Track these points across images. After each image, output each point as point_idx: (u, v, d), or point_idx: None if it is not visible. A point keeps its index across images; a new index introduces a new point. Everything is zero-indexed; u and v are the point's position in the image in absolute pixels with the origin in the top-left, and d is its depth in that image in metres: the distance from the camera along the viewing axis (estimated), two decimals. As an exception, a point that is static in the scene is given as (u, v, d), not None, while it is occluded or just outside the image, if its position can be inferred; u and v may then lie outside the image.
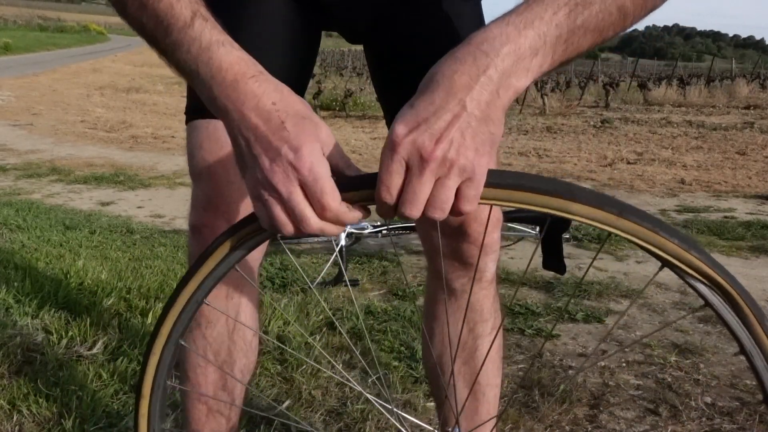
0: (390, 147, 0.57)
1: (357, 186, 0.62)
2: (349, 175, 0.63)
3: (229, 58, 0.61)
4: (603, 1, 0.59)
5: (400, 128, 0.57)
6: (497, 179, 0.59)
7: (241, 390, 1.08)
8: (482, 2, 1.02)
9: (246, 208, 0.91)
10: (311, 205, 0.60)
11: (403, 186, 0.58)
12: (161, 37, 0.63)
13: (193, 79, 0.63)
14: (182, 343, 0.74)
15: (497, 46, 0.57)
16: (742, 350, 0.61)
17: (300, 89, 1.01)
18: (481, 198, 0.60)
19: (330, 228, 0.62)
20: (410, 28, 0.96)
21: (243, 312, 1.03)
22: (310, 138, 0.60)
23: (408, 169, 0.57)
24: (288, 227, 0.61)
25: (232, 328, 1.02)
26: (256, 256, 1.01)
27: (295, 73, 0.98)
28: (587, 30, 0.60)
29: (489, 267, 1.02)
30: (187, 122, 0.96)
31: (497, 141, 0.59)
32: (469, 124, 0.56)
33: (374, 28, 0.97)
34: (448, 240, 0.99)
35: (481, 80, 0.56)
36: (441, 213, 0.58)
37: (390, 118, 1.05)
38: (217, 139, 0.90)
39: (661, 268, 0.61)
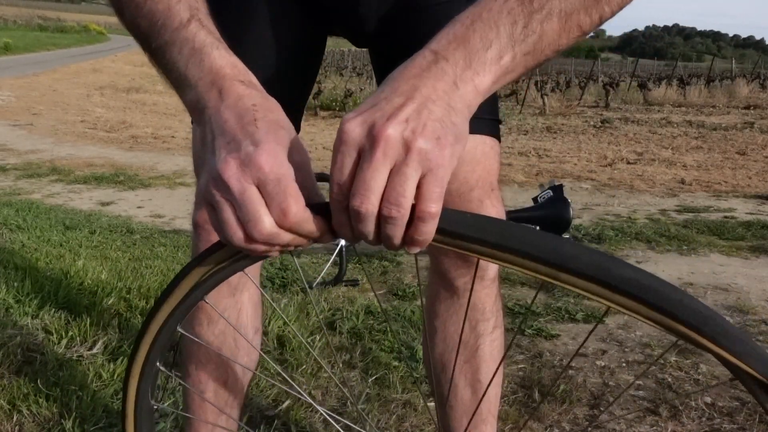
0: (338, 138, 0.50)
1: (325, 213, 0.53)
2: (314, 202, 0.54)
3: (221, 62, 0.58)
4: None
5: (349, 115, 0.51)
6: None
7: (242, 388, 1.08)
8: None
9: None
10: (269, 208, 0.51)
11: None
12: (154, 37, 0.61)
13: (180, 82, 0.60)
14: (160, 366, 0.71)
15: (444, 43, 0.54)
16: None
17: (304, 94, 1.02)
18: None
19: (284, 237, 0.52)
20: (415, 33, 0.96)
21: (245, 311, 1.04)
22: (279, 141, 0.53)
23: (359, 158, 0.50)
24: (237, 234, 0.52)
25: (233, 326, 1.03)
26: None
27: (299, 77, 0.98)
28: (550, 14, 0.55)
29: (491, 266, 1.02)
30: (192, 120, 0.96)
31: (462, 137, 0.52)
32: (425, 106, 0.50)
33: (379, 33, 0.97)
34: None
35: (432, 70, 0.53)
36: (396, 210, 0.49)
37: None
38: None
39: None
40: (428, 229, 0.51)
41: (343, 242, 2.68)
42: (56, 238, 3.10)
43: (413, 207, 0.50)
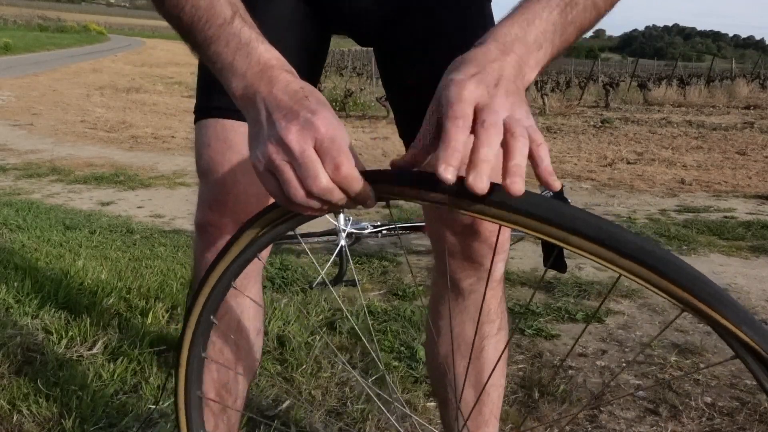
0: (454, 100, 0.56)
1: (372, 179, 0.61)
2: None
3: (267, 55, 0.66)
4: (585, 0, 0.67)
5: (459, 76, 0.57)
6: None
7: (243, 389, 1.08)
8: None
9: (252, 206, 0.92)
10: (323, 162, 0.59)
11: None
12: (198, 32, 0.67)
13: (226, 70, 0.66)
14: (213, 319, 0.79)
15: (509, 41, 0.62)
16: None
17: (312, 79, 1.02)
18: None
19: (337, 194, 0.60)
20: (419, 31, 0.96)
21: (247, 311, 1.04)
22: (329, 112, 0.62)
23: (474, 125, 0.56)
24: (298, 191, 0.60)
25: (235, 326, 1.03)
26: (261, 256, 1.02)
27: (304, 77, 0.98)
28: (575, 25, 0.67)
29: (498, 267, 1.02)
30: (195, 121, 0.97)
31: (526, 103, 0.61)
32: (509, 89, 0.59)
33: (384, 31, 0.98)
34: (458, 239, 0.99)
35: (506, 59, 0.61)
36: (519, 175, 0.53)
37: (400, 121, 1.05)
38: (225, 138, 0.92)
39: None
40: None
41: (343, 242, 2.68)
42: (56, 238, 3.10)
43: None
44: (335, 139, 0.59)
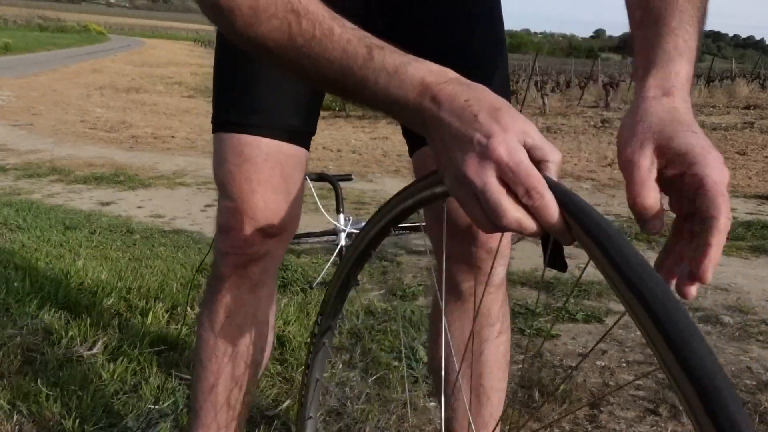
0: (721, 209, 0.54)
1: (574, 213, 0.52)
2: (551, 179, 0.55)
3: (419, 74, 0.60)
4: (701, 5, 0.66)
5: (713, 161, 0.56)
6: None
7: (251, 384, 1.09)
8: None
9: (271, 214, 0.97)
10: (515, 193, 0.53)
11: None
12: (342, 81, 0.63)
13: (390, 108, 0.62)
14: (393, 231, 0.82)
15: (679, 84, 0.63)
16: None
17: (320, 94, 1.03)
18: None
19: (529, 225, 0.54)
20: (428, 27, 0.97)
21: (262, 308, 1.06)
22: (503, 126, 0.55)
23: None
24: (487, 225, 0.56)
25: (249, 322, 1.04)
26: (277, 256, 1.04)
27: None
28: (700, 35, 0.66)
29: (498, 271, 1.02)
30: (213, 131, 1.01)
31: None
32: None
33: (392, 27, 0.98)
34: (457, 242, 0.99)
35: (680, 110, 0.61)
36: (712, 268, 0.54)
37: None
38: (241, 152, 0.96)
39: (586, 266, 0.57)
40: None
41: (343, 242, 2.68)
42: (56, 238, 3.10)
43: None
44: (520, 163, 0.53)
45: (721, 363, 0.47)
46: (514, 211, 0.53)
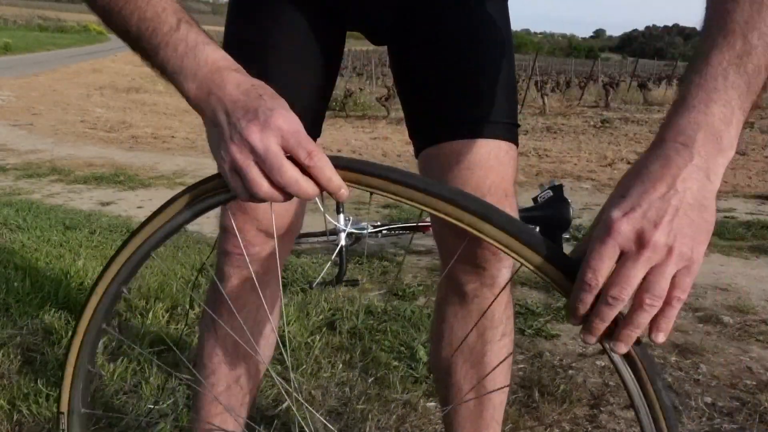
0: (605, 231, 0.56)
1: (343, 166, 0.65)
2: None
3: (215, 55, 0.68)
4: (761, 37, 0.58)
5: (616, 213, 0.56)
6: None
7: (253, 385, 1.09)
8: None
9: (274, 215, 0.97)
10: (295, 155, 0.62)
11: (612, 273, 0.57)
12: (146, 41, 0.70)
13: (177, 74, 0.69)
14: (124, 291, 0.80)
15: (692, 134, 0.57)
16: (632, 405, 0.65)
17: (327, 95, 1.03)
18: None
19: (304, 183, 0.63)
20: (433, 29, 0.96)
21: (264, 307, 1.06)
22: (284, 106, 0.65)
23: (622, 254, 0.56)
24: (263, 185, 0.63)
25: (252, 322, 1.04)
26: (282, 253, 1.04)
27: (321, 75, 0.99)
28: (760, 70, 0.59)
29: (502, 273, 1.01)
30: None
31: (711, 228, 0.59)
32: (685, 213, 0.56)
33: (397, 29, 0.98)
34: (461, 242, 0.99)
35: (689, 169, 0.56)
36: (657, 302, 0.56)
37: (410, 119, 1.05)
38: None
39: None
40: (674, 314, 0.57)
41: (343, 242, 2.68)
42: (56, 238, 3.10)
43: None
44: (299, 131, 0.63)
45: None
46: (292, 170, 0.62)
